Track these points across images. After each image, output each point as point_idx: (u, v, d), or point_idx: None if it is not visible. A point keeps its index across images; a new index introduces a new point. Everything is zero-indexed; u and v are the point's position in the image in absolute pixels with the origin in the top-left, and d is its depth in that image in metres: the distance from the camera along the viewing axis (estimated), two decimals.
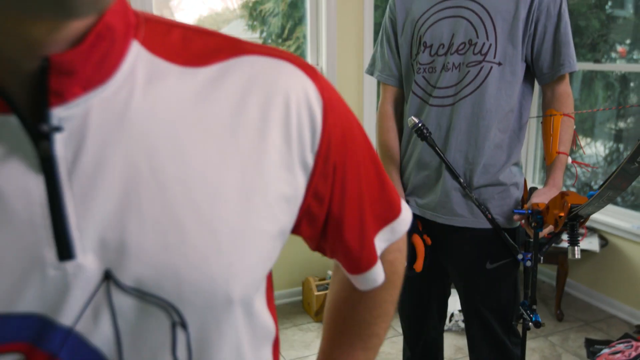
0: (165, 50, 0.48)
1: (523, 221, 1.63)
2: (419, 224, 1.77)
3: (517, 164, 1.75)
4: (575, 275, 3.41)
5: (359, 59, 3.22)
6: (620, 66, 3.28)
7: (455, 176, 1.65)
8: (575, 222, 1.43)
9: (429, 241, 1.76)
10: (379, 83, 1.89)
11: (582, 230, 3.17)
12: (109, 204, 0.44)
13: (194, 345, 0.50)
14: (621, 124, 3.37)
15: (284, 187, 0.52)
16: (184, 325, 0.49)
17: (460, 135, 1.67)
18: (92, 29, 0.42)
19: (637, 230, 3.01)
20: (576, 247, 1.45)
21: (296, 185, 0.53)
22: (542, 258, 1.61)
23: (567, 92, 1.67)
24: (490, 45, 1.62)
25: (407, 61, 1.76)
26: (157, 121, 0.46)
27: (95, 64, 0.43)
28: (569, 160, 1.67)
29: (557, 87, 1.67)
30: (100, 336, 0.46)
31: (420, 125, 1.62)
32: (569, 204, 1.42)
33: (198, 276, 0.47)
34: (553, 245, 3.03)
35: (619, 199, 3.35)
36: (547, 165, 1.67)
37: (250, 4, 3.27)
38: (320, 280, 3.27)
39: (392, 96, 1.84)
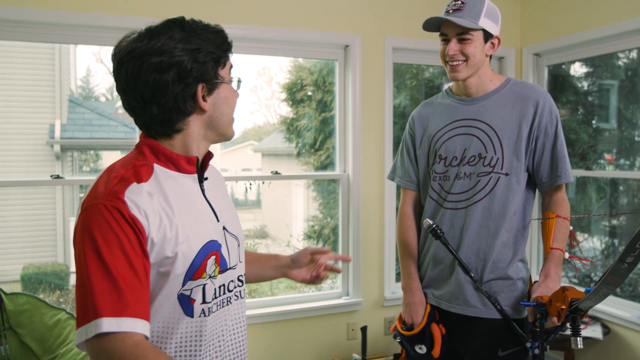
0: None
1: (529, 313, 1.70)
2: (436, 314, 1.90)
3: (522, 260, 1.87)
4: None
5: (380, 167, 3.58)
6: (609, 173, 3.58)
7: (467, 271, 1.78)
8: (576, 315, 1.51)
9: (443, 330, 1.87)
10: (398, 187, 2.05)
11: (585, 319, 3.40)
12: (218, 206, 1.20)
13: (241, 255, 1.26)
14: (614, 222, 3.65)
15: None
16: (239, 246, 1.25)
17: (472, 234, 1.81)
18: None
19: (637, 320, 3.14)
20: (578, 338, 1.51)
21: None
22: (548, 347, 1.68)
23: (562, 197, 1.82)
24: (498, 159, 1.80)
25: (425, 170, 1.95)
26: (215, 182, 1.27)
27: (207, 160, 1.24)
28: (566, 255, 1.77)
29: (555, 194, 1.82)
30: (225, 248, 1.19)
31: (434, 226, 1.75)
32: (569, 298, 1.50)
33: (238, 229, 1.27)
34: (560, 333, 3.28)
35: (618, 290, 3.58)
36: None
37: (288, 120, 3.74)
38: None
39: (411, 199, 2.01)
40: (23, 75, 3.63)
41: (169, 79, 1.06)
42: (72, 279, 3.98)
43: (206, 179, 1.21)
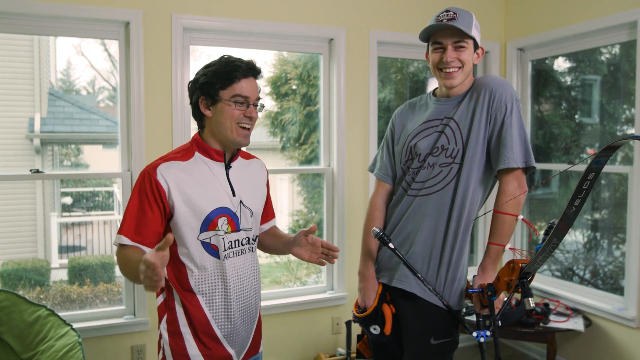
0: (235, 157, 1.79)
1: (472, 299, 1.83)
2: (387, 295, 2.02)
3: (467, 253, 1.95)
4: (564, 352, 3.60)
5: (364, 161, 3.59)
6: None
7: (414, 272, 1.90)
8: (524, 280, 1.62)
9: (394, 310, 1.99)
10: None
11: (567, 312, 3.45)
12: (239, 186, 1.73)
13: (254, 222, 1.77)
14: (597, 215, 3.73)
15: (265, 193, 1.91)
16: (252, 215, 1.76)
17: (431, 221, 1.92)
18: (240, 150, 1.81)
19: (617, 312, 3.22)
20: (530, 299, 1.59)
21: (265, 194, 1.92)
22: (499, 322, 1.76)
23: (504, 190, 1.84)
24: (459, 150, 1.89)
25: (400, 165, 2.07)
26: (246, 170, 1.81)
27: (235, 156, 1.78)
28: (507, 247, 1.84)
29: (501, 184, 1.87)
30: (239, 214, 1.71)
31: (381, 234, 1.88)
32: (520, 265, 1.62)
33: (255, 205, 1.79)
34: (542, 325, 3.32)
35: (600, 283, 3.63)
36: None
37: (272, 114, 3.72)
38: (331, 356, 3.51)
39: (384, 191, 2.13)
40: (1, 67, 3.56)
41: (190, 91, 1.69)
42: (53, 275, 3.93)
43: (230, 167, 1.72)
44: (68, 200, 4.36)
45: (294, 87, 3.71)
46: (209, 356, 1.69)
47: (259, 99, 1.70)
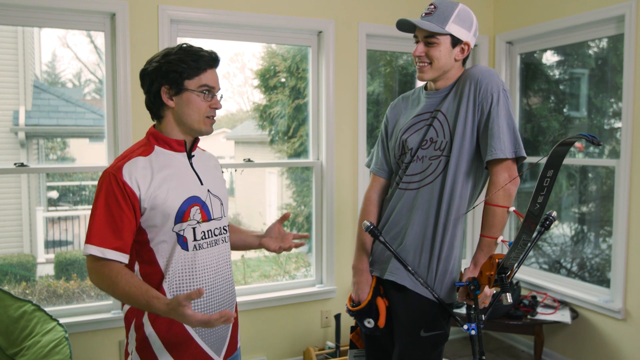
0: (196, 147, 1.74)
1: (460, 293, 1.85)
2: (381, 289, 2.04)
3: (459, 246, 1.95)
4: (551, 344, 3.64)
5: (353, 154, 3.59)
6: (579, 160, 3.65)
7: (405, 266, 1.91)
8: (503, 275, 1.64)
9: (387, 302, 2.01)
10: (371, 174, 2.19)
11: (554, 304, 3.48)
12: (204, 175, 1.68)
13: (224, 211, 1.73)
14: (584, 209, 3.75)
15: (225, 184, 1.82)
16: (222, 204, 1.71)
17: (421, 214, 1.92)
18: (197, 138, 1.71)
19: (603, 304, 3.25)
20: (507, 294, 1.62)
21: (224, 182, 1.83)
22: (484, 316, 1.78)
23: (492, 181, 1.82)
24: (447, 142, 1.88)
25: (394, 160, 2.07)
26: (205, 161, 1.76)
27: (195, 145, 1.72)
28: (499, 239, 1.81)
29: (491, 176, 1.84)
30: (209, 203, 1.65)
31: (372, 227, 1.93)
32: (496, 260, 1.63)
33: (221, 192, 1.73)
34: (530, 317, 3.34)
35: (586, 275, 3.66)
36: None
37: (261, 107, 3.69)
38: (320, 350, 3.50)
39: (378, 185, 2.12)
40: None
41: (148, 79, 1.59)
42: (39, 270, 3.88)
43: (193, 156, 1.68)
44: (54, 194, 4.30)
45: (283, 79, 3.68)
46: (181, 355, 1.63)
47: (219, 89, 1.66)
